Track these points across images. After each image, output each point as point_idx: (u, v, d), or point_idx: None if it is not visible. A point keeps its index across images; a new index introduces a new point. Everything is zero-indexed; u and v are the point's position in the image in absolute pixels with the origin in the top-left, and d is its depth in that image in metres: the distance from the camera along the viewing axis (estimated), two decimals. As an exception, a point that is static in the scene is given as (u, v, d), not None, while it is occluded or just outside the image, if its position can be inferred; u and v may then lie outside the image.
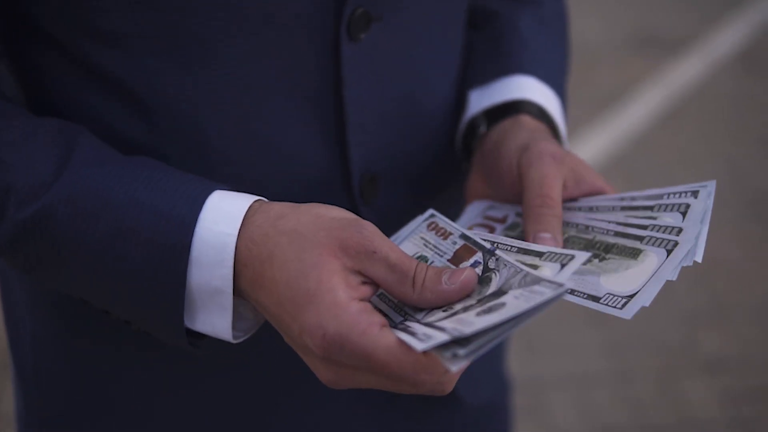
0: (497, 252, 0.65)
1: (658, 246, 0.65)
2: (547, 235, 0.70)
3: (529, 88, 0.84)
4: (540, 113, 0.82)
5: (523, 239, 0.71)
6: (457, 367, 0.56)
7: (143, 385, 0.82)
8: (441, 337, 0.57)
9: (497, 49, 0.88)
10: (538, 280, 0.60)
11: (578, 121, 3.53)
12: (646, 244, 0.66)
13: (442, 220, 0.72)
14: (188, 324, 0.68)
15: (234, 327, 0.68)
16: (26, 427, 0.91)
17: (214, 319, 0.67)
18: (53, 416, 0.87)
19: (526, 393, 2.38)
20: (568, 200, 0.75)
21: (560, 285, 0.58)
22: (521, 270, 0.62)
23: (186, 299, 0.66)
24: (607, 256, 0.67)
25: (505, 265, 0.63)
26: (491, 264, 0.65)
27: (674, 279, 0.63)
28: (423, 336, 0.58)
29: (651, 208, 0.69)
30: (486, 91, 0.85)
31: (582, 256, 0.62)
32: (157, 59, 0.69)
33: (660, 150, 3.38)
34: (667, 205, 0.68)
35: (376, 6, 0.73)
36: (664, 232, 0.66)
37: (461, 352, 0.56)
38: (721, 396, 2.38)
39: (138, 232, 0.65)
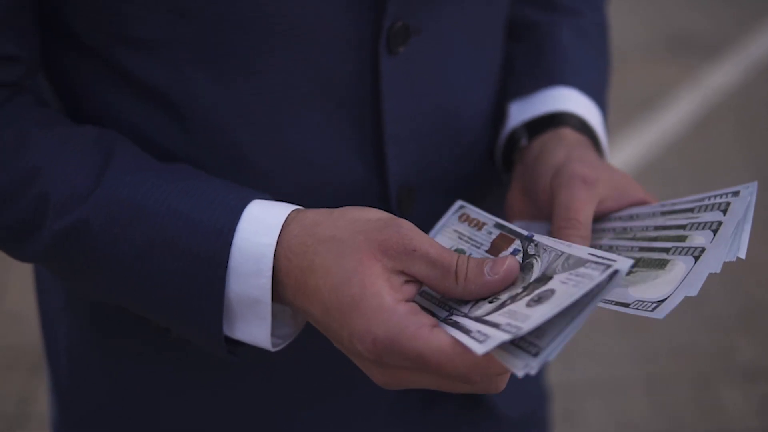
0: (536, 237, 0.65)
1: (685, 254, 0.65)
2: None
3: (570, 99, 0.84)
4: (581, 125, 0.82)
5: None
6: (533, 372, 0.55)
7: (178, 392, 0.83)
8: (500, 336, 0.55)
9: (538, 60, 0.87)
10: (582, 262, 0.59)
11: (612, 125, 3.50)
12: (673, 254, 0.66)
13: (473, 210, 0.72)
14: (227, 332, 0.68)
15: (273, 334, 0.69)
16: (61, 428, 0.92)
17: (253, 328, 0.67)
18: (87, 422, 0.88)
19: (561, 400, 2.37)
20: (610, 212, 0.75)
21: (609, 264, 0.57)
22: (562, 252, 0.61)
23: (225, 309, 0.66)
24: (633, 270, 0.67)
25: (545, 249, 0.63)
26: (531, 250, 0.64)
27: (717, 271, 0.62)
28: (478, 335, 0.57)
29: (691, 210, 0.68)
30: (527, 103, 0.85)
31: (625, 263, 0.60)
32: (194, 68, 0.70)
33: (694, 155, 3.35)
34: (707, 206, 0.67)
35: (415, 19, 0.73)
36: (706, 218, 0.66)
37: (533, 363, 0.55)
38: (758, 404, 2.36)
39: (176, 242, 0.66)
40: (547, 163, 0.77)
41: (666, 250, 0.66)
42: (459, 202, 0.75)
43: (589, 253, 0.60)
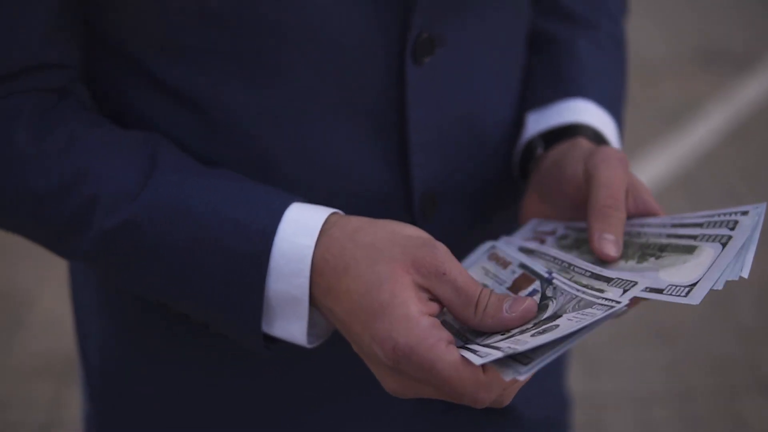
0: (554, 281, 0.67)
1: (713, 241, 0.67)
2: (611, 237, 0.71)
3: (586, 111, 0.86)
4: (596, 137, 0.84)
5: (575, 250, 0.73)
6: (521, 378, 0.59)
7: (206, 388, 0.85)
8: (497, 354, 0.59)
9: (555, 72, 0.89)
10: (591, 304, 0.62)
11: (642, 137, 3.52)
12: (700, 241, 0.67)
13: (502, 251, 0.75)
14: (265, 329, 0.71)
15: (308, 333, 0.71)
16: (92, 427, 0.95)
17: (291, 325, 0.70)
18: (119, 416, 0.90)
19: (587, 411, 2.38)
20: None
21: (613, 305, 0.60)
22: (576, 296, 0.64)
23: (264, 306, 0.69)
24: (662, 254, 0.69)
25: (562, 293, 0.66)
26: (549, 292, 0.67)
27: (741, 277, 0.63)
28: (482, 353, 0.61)
29: (700, 225, 0.70)
30: (543, 114, 0.86)
31: (644, 281, 0.64)
32: (226, 76, 0.72)
33: (724, 168, 3.35)
34: (717, 222, 0.69)
35: (440, 31, 0.75)
36: (716, 230, 0.67)
37: (522, 369, 0.59)
38: (784, 417, 2.36)
39: (218, 241, 0.69)
40: (575, 155, 0.78)
41: (693, 237, 0.68)
42: (490, 243, 0.77)
43: (603, 295, 0.64)
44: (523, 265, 0.71)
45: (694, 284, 0.63)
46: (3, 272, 2.95)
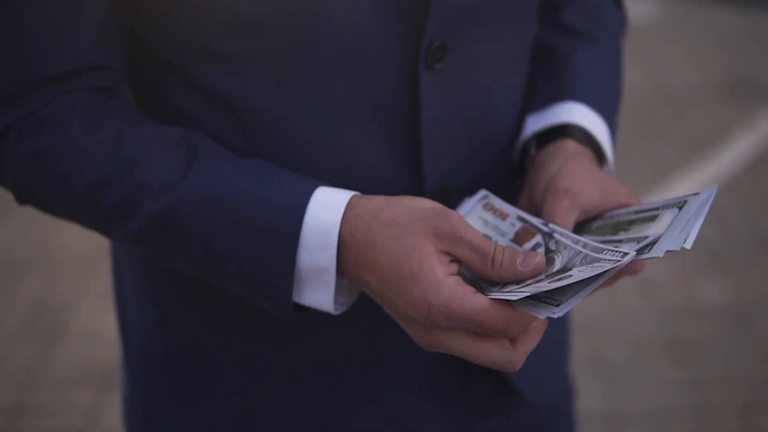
0: (555, 235, 0.76)
1: (671, 208, 0.75)
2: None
3: (577, 113, 0.93)
4: (585, 136, 0.92)
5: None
6: (556, 315, 0.68)
7: (238, 369, 0.93)
8: (526, 292, 0.69)
9: (552, 79, 0.97)
10: (598, 260, 0.71)
11: (671, 162, 3.57)
12: (661, 210, 0.76)
13: (497, 201, 0.83)
14: (296, 299, 0.79)
15: (335, 301, 0.79)
16: (131, 407, 1.03)
17: (319, 294, 0.78)
18: (156, 396, 0.98)
19: (607, 427, 2.41)
20: (601, 212, 0.85)
21: (621, 258, 0.69)
22: (580, 252, 0.73)
23: (295, 277, 0.77)
24: (630, 227, 0.78)
25: (565, 247, 0.74)
26: (552, 246, 0.76)
27: (688, 246, 0.71)
28: (510, 294, 0.70)
29: (658, 208, 0.78)
30: (540, 116, 0.94)
31: (632, 250, 0.72)
32: (259, 79, 0.80)
33: (748, 193, 3.40)
34: (671, 204, 0.77)
35: (451, 39, 0.83)
36: (671, 210, 0.76)
37: (556, 310, 0.68)
38: (802, 435, 2.37)
39: (254, 220, 0.77)
40: (544, 173, 0.87)
41: (655, 209, 0.77)
42: (483, 191, 0.86)
43: (601, 251, 0.72)
44: (521, 218, 0.80)
45: (656, 240, 0.72)
46: (43, 285, 3.03)
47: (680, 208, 0.74)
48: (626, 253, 0.70)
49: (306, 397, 0.94)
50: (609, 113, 0.97)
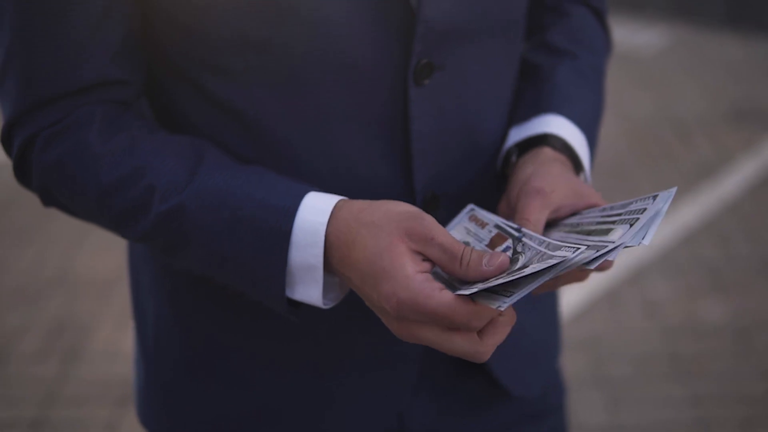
0: (523, 239, 0.83)
1: (623, 224, 0.82)
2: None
3: (555, 124, 0.99)
4: (562, 146, 0.98)
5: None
6: (504, 306, 0.74)
7: (244, 358, 1.00)
8: (481, 287, 0.76)
9: (535, 94, 1.03)
10: (551, 256, 0.78)
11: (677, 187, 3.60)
12: (615, 224, 0.83)
13: (481, 212, 0.90)
14: (288, 294, 0.86)
15: (324, 297, 0.86)
16: (144, 392, 1.10)
17: (309, 290, 0.85)
18: (167, 382, 1.05)
19: (610, 441, 2.46)
20: (571, 213, 0.92)
21: (572, 254, 0.76)
22: (540, 251, 0.80)
23: (287, 273, 0.84)
24: (588, 237, 0.84)
25: (530, 248, 0.81)
26: (519, 248, 0.82)
27: (645, 244, 0.77)
28: (467, 289, 0.77)
29: (620, 213, 0.85)
30: (521, 128, 1.00)
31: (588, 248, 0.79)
32: (263, 91, 0.88)
33: (751, 217, 3.44)
34: (632, 210, 0.83)
35: (438, 57, 0.90)
36: (629, 215, 0.83)
37: (506, 300, 0.74)
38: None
39: (251, 220, 0.84)
40: (518, 178, 0.93)
41: (612, 222, 0.84)
42: (470, 206, 0.93)
43: (558, 248, 0.78)
44: (498, 226, 0.87)
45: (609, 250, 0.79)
46: (63, 304, 3.08)
47: (631, 225, 0.80)
48: (578, 248, 0.76)
49: (306, 387, 1.01)
50: (588, 125, 1.03)
